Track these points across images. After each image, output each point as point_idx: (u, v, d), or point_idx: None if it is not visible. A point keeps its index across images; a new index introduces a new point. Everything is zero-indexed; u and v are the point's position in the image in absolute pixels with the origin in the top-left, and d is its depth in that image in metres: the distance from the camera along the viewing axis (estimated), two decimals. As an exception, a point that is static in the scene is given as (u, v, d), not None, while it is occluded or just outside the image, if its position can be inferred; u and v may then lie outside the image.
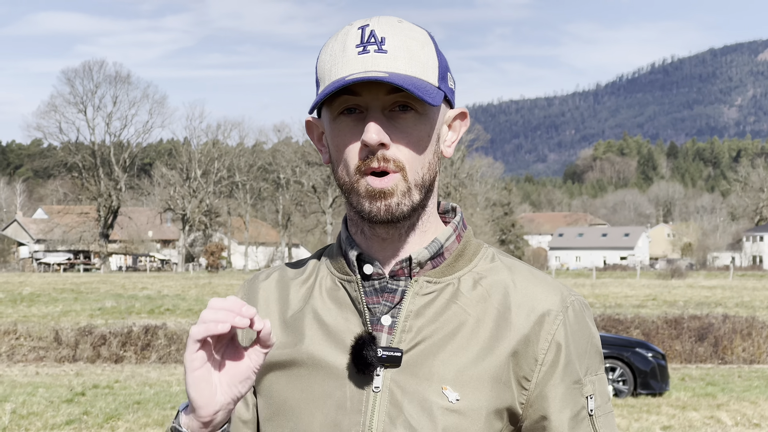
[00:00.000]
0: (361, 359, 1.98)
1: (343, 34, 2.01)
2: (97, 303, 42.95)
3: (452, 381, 1.97)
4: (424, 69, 1.98)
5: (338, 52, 1.98)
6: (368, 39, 1.97)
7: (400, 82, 1.90)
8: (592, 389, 2.04)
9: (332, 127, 2.00)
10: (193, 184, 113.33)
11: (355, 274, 2.05)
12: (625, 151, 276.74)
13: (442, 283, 2.04)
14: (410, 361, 1.99)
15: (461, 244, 2.08)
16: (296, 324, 2.08)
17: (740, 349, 27.81)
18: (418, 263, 2.03)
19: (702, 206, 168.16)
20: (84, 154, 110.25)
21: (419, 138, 1.98)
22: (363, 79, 1.90)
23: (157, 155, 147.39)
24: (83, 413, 16.33)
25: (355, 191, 1.97)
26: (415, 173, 1.98)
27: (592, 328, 2.08)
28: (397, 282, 2.03)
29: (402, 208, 1.97)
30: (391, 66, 1.94)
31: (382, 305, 2.03)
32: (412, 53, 1.97)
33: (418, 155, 1.98)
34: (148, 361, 26.04)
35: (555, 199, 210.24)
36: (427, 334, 2.00)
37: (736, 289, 57.89)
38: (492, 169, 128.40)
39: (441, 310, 2.02)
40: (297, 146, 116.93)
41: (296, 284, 2.15)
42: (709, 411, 17.36)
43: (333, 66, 1.98)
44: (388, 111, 1.96)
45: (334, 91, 1.92)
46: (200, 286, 58.44)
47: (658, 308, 39.91)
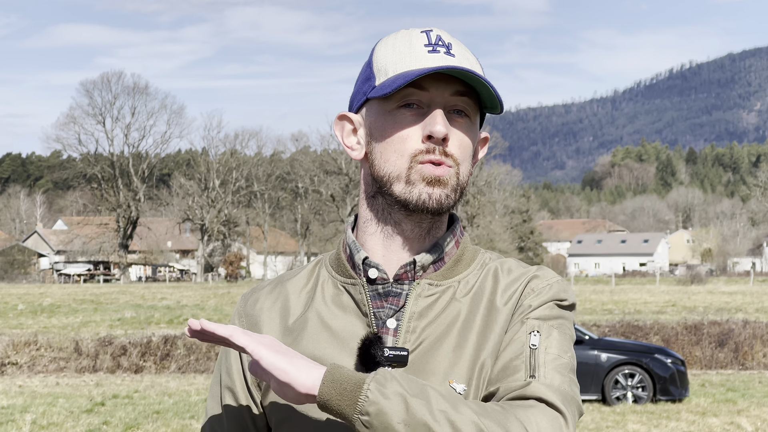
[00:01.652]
0: (369, 358, 2.00)
1: (405, 35, 2.06)
2: (117, 313, 43.05)
3: (457, 375, 2.01)
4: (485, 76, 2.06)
5: (405, 48, 2.03)
6: (436, 41, 2.03)
7: (480, 75, 1.99)
8: (540, 329, 2.03)
9: (387, 118, 2.04)
10: (211, 194, 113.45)
11: (361, 277, 2.08)
12: (644, 157, 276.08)
13: (443, 285, 2.09)
14: (416, 360, 2.03)
15: (460, 249, 2.13)
16: (300, 330, 2.11)
17: (761, 354, 27.70)
18: (422, 267, 2.07)
19: (722, 212, 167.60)
20: (103, 165, 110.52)
21: (468, 144, 2.05)
22: (452, 68, 1.97)
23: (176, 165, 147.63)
24: (103, 423, 16.37)
25: (405, 178, 2.02)
26: (463, 175, 2.05)
27: (565, 301, 2.09)
28: (401, 286, 2.07)
29: (449, 201, 2.03)
30: (464, 64, 2.03)
31: (387, 309, 2.06)
32: (472, 63, 2.05)
33: (467, 159, 2.06)
34: (167, 371, 26.09)
35: (573, 206, 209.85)
36: (429, 334, 2.05)
37: (756, 294, 57.67)
38: (510, 177, 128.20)
39: (441, 310, 2.07)
40: (315, 155, 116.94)
41: (295, 292, 2.17)
42: (729, 417, 17.30)
43: (400, 60, 2.03)
44: (446, 112, 2.02)
45: (426, 74, 1.97)
46: (219, 296, 58.50)
47: (677, 314, 39.80)
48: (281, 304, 2.16)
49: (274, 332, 2.12)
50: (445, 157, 2.01)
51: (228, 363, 2.18)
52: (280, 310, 2.15)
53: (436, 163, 2.01)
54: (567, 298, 2.10)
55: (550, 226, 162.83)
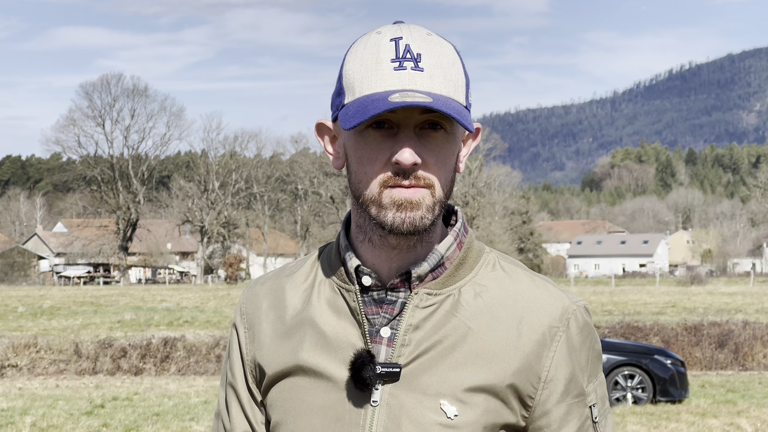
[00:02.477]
0: (360, 378, 1.97)
1: (373, 44, 1.97)
2: (117, 316, 43.06)
3: (450, 396, 1.97)
4: (455, 88, 1.97)
5: (371, 63, 1.95)
6: (404, 54, 1.94)
7: (443, 107, 1.89)
8: (595, 397, 2.06)
9: (357, 139, 1.98)
10: (211, 196, 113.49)
11: (354, 284, 2.04)
12: (643, 158, 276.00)
13: (442, 294, 2.02)
14: (408, 375, 1.99)
15: (462, 252, 2.06)
16: (295, 331, 2.08)
17: (761, 355, 27.71)
18: (418, 276, 2.01)
19: (721, 212, 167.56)
20: (102, 168, 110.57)
21: (446, 156, 1.98)
22: (409, 105, 1.89)
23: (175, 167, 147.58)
24: (102, 425, 16.37)
25: (377, 202, 1.96)
26: (440, 190, 1.97)
27: (593, 332, 2.08)
28: (397, 294, 2.02)
29: (425, 222, 1.96)
30: (427, 85, 1.93)
31: (381, 316, 2.02)
32: (445, 72, 1.96)
33: (445, 173, 1.98)
34: (167, 373, 26.09)
35: (573, 207, 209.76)
36: (425, 348, 1.99)
37: (756, 295, 57.66)
38: (510, 178, 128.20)
39: (440, 322, 2.01)
40: (315, 157, 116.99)
41: (292, 288, 2.14)
42: (729, 418, 17.29)
43: (365, 77, 1.95)
44: (419, 129, 1.95)
45: (378, 114, 1.90)
46: (219, 298, 58.50)
47: (677, 315, 39.81)
48: (279, 302, 2.13)
49: (270, 334, 2.11)
50: (416, 180, 1.94)
51: (231, 360, 2.18)
52: (277, 309, 2.13)
53: (407, 186, 1.94)
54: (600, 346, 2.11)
55: (549, 228, 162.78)
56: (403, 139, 1.93)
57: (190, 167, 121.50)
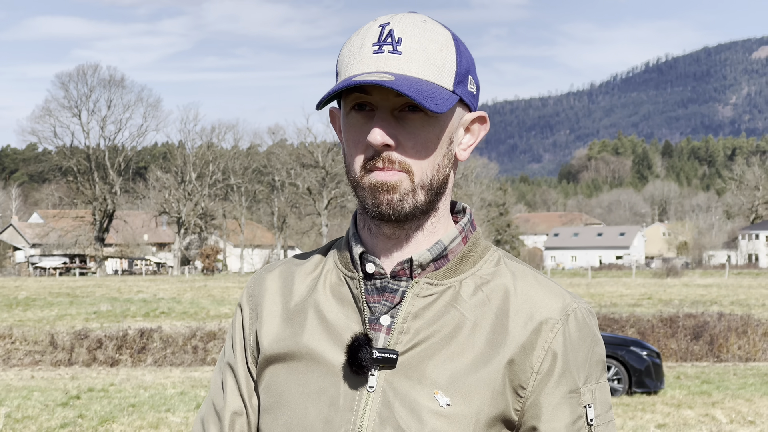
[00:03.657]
0: (356, 361, 1.98)
1: (364, 31, 2.00)
2: (93, 307, 42.93)
3: (445, 386, 1.97)
4: (439, 72, 1.97)
5: (356, 48, 1.99)
6: (385, 38, 1.96)
7: (401, 87, 1.89)
8: (592, 398, 2.03)
9: (344, 121, 2.02)
10: (188, 187, 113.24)
11: (358, 271, 2.05)
12: (620, 150, 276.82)
13: (443, 285, 2.03)
14: (405, 363, 1.99)
15: (467, 246, 2.07)
16: (298, 316, 2.09)
17: (735, 347, 27.84)
18: (420, 265, 2.02)
19: (697, 205, 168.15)
20: (79, 158, 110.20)
21: (427, 140, 1.97)
22: (364, 83, 1.90)
23: (152, 158, 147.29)
24: (78, 416, 16.31)
25: (361, 186, 1.98)
26: (422, 174, 1.98)
27: (596, 336, 2.06)
28: (398, 282, 2.03)
29: (404, 205, 1.97)
30: (403, 68, 1.94)
31: (381, 305, 2.03)
32: (428, 55, 1.96)
33: (426, 157, 1.98)
34: (143, 364, 26.04)
35: (550, 199, 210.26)
36: (423, 337, 2.00)
37: (731, 287, 57.92)
38: (487, 170, 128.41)
39: (440, 313, 2.01)
40: (292, 148, 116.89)
41: (301, 275, 2.16)
42: (704, 409, 17.37)
43: (350, 62, 1.98)
44: (398, 111, 1.96)
45: (337, 91, 1.93)
46: (196, 289, 58.41)
47: (653, 307, 39.95)
48: (286, 287, 2.15)
49: (274, 316, 2.13)
50: (390, 164, 1.95)
51: (233, 339, 2.19)
52: (283, 294, 2.14)
53: (382, 169, 1.96)
54: (603, 352, 2.09)
55: (526, 219, 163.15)
56: (376, 120, 1.95)
57: (167, 158, 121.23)
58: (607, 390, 2.09)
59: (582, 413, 2.01)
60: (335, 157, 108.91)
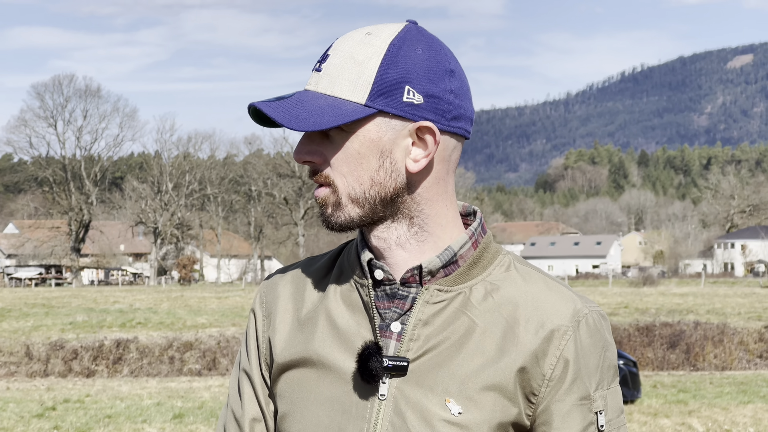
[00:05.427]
0: (367, 370, 1.98)
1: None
2: (69, 317, 42.74)
3: (456, 393, 1.97)
4: (351, 87, 1.97)
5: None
6: (322, 56, 2.02)
7: (266, 109, 1.96)
8: (603, 404, 2.03)
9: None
10: (164, 197, 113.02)
11: (367, 278, 2.05)
12: (596, 159, 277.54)
13: (453, 291, 2.03)
14: (416, 371, 1.99)
15: (477, 251, 2.06)
16: (309, 323, 2.10)
17: (712, 355, 27.92)
18: (429, 271, 2.02)
19: (673, 214, 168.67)
20: (55, 169, 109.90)
21: (347, 154, 1.98)
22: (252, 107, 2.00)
23: (128, 169, 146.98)
24: (54, 428, 16.25)
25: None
26: (348, 189, 1.99)
27: (607, 341, 2.06)
28: (408, 289, 2.02)
29: (337, 220, 2.01)
30: (315, 84, 2.00)
31: (392, 311, 2.02)
32: (341, 71, 1.98)
33: (351, 170, 1.99)
34: (119, 374, 25.95)
35: (527, 209, 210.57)
36: (434, 344, 2.00)
37: (707, 296, 58.08)
38: (463, 179, 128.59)
39: (450, 319, 2.01)
40: (268, 158, 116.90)
41: (313, 281, 2.15)
42: (680, 418, 17.41)
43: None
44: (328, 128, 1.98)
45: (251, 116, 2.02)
46: (172, 299, 58.23)
47: (629, 316, 40.02)
48: (298, 294, 2.15)
49: (286, 323, 2.13)
50: (317, 177, 2.02)
51: (248, 345, 2.19)
52: (295, 300, 2.14)
53: (318, 185, 2.04)
54: (615, 357, 2.10)
55: (503, 229, 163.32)
56: (302, 137, 2.02)
57: (144, 168, 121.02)
58: (619, 394, 2.08)
59: (593, 419, 2.01)
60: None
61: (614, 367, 2.08)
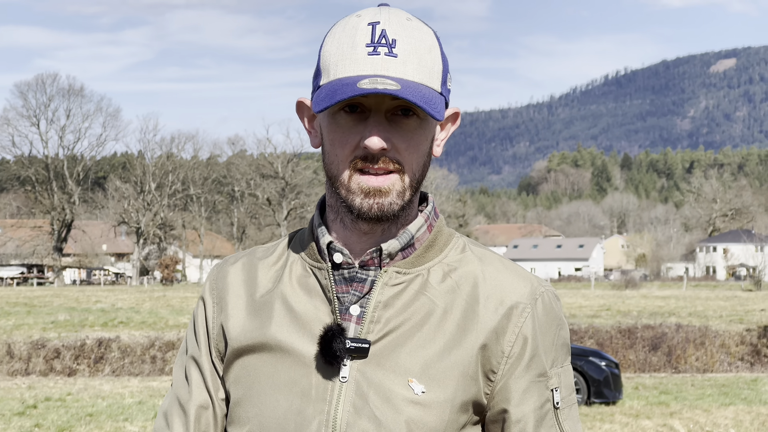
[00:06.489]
0: (330, 351, 1.98)
1: (351, 27, 1.99)
2: (50, 316, 42.62)
3: (418, 373, 1.98)
4: (430, 75, 1.98)
5: (347, 47, 1.97)
6: (379, 39, 1.96)
7: (410, 96, 1.90)
8: (558, 382, 2.06)
9: (330, 120, 2.00)
10: (147, 198, 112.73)
11: (326, 262, 2.05)
12: (579, 162, 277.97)
13: (411, 273, 2.04)
14: (377, 352, 1.99)
15: (432, 234, 2.08)
16: (264, 308, 2.08)
17: (693, 358, 27.99)
18: (389, 254, 2.03)
19: (656, 217, 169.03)
20: (37, 168, 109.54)
21: (419, 142, 1.99)
22: (375, 92, 1.90)
23: (111, 168, 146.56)
24: (35, 426, 16.21)
25: (346, 186, 1.99)
26: (411, 175, 2.00)
27: (561, 320, 2.09)
28: (367, 272, 2.03)
29: (394, 208, 1.99)
30: (400, 71, 1.95)
31: (351, 295, 2.03)
32: (420, 58, 1.97)
33: (417, 158, 2.00)
34: (101, 373, 25.88)
35: (510, 211, 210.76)
36: (394, 325, 2.00)
37: (689, 299, 58.24)
38: (447, 181, 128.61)
39: (409, 301, 2.02)
40: (251, 159, 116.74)
41: (265, 266, 2.14)
42: (662, 419, 17.45)
43: (340, 60, 1.97)
44: (390, 114, 1.97)
45: (347, 99, 1.92)
46: (155, 299, 58.11)
47: (612, 318, 40.09)
48: (250, 279, 2.14)
49: (239, 309, 2.11)
50: (384, 164, 1.97)
51: (196, 331, 2.17)
52: (247, 286, 2.13)
53: (375, 173, 1.97)
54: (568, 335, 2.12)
55: (486, 231, 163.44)
56: (372, 124, 1.95)
57: (127, 168, 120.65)
58: (571, 373, 2.11)
59: (549, 396, 2.04)
60: (295, 167, 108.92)
61: (567, 346, 2.11)
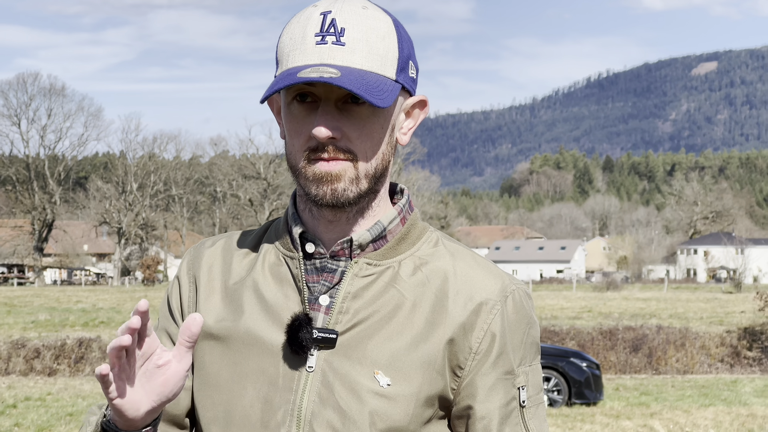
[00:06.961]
0: (296, 340, 1.98)
1: (305, 18, 1.98)
2: (31, 316, 42.50)
3: (385, 366, 1.98)
4: (382, 62, 1.97)
5: (298, 37, 1.97)
6: (328, 28, 1.95)
7: (349, 85, 1.88)
8: (525, 380, 2.05)
9: (286, 111, 2.00)
10: (129, 198, 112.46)
11: (298, 251, 2.05)
12: (562, 164, 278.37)
13: (382, 265, 2.04)
14: (345, 343, 1.99)
15: (405, 227, 2.08)
16: (236, 296, 2.08)
17: (674, 359, 28.07)
18: (359, 245, 2.03)
19: (637, 220, 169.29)
20: (18, 167, 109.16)
21: (372, 130, 1.98)
22: (312, 80, 1.89)
23: (93, 168, 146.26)
24: (15, 425, 16.15)
25: (303, 175, 1.98)
26: (366, 163, 1.98)
27: (532, 318, 2.08)
28: (337, 262, 2.03)
29: (348, 194, 1.97)
30: (347, 59, 1.93)
31: (321, 284, 2.03)
32: (370, 46, 1.95)
33: (371, 146, 1.98)
34: (81, 373, 25.82)
35: (492, 213, 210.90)
36: (363, 317, 2.00)
37: (670, 301, 58.37)
38: (429, 183, 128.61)
39: (379, 293, 2.02)
40: (234, 159, 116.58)
41: (240, 254, 2.15)
42: (642, 420, 17.49)
43: (291, 51, 1.97)
44: (342, 103, 1.96)
45: (283, 87, 1.92)
46: (136, 299, 57.94)
47: (593, 320, 40.16)
48: (225, 265, 2.14)
49: (214, 292, 2.11)
50: (335, 153, 1.95)
51: (171, 308, 2.17)
52: (222, 271, 2.13)
53: (326, 159, 1.96)
54: (538, 334, 2.12)
55: (468, 233, 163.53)
56: (320, 113, 1.94)
57: (108, 168, 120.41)
58: (540, 373, 2.10)
59: (515, 395, 2.03)
60: (277, 168, 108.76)
61: (537, 345, 2.10)
